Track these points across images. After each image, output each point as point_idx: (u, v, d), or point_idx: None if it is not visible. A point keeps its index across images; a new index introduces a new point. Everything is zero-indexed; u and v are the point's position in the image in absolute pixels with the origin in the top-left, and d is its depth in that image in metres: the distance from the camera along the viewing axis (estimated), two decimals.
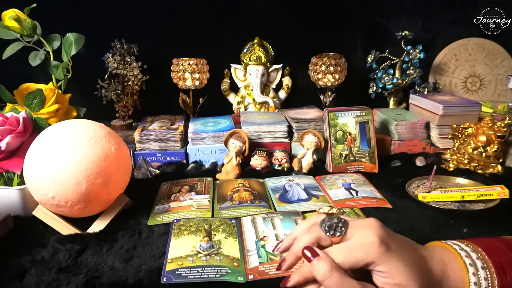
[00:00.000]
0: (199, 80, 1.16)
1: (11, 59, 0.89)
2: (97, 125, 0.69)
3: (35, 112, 0.82)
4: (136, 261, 0.58)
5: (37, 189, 0.64)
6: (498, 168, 0.92)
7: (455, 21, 1.31)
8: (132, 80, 1.13)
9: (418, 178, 0.87)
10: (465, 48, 1.33)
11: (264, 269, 0.56)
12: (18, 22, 0.86)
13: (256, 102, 1.22)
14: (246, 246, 0.62)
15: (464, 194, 0.76)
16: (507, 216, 0.71)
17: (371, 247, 0.37)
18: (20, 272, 0.55)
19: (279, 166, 0.96)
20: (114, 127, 1.15)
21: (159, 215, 0.72)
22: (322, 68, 1.18)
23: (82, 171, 0.62)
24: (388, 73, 1.21)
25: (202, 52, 1.18)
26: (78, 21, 1.01)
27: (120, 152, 0.69)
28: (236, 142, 0.90)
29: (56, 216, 0.66)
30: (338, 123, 0.95)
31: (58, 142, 0.63)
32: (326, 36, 1.29)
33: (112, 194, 0.69)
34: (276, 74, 1.27)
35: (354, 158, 0.95)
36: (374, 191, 0.82)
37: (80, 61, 0.96)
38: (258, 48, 1.23)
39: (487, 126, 0.92)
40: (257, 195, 0.80)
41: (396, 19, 1.29)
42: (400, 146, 1.04)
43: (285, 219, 0.69)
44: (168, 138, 0.98)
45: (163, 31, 1.22)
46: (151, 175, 0.91)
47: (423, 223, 0.69)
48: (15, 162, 0.71)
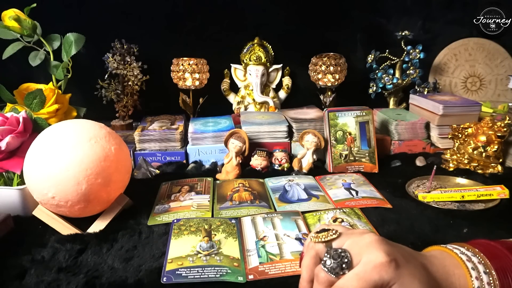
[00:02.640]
0: (199, 80, 1.16)
1: (11, 59, 0.89)
2: (97, 125, 0.69)
3: (35, 112, 0.82)
4: (136, 261, 0.58)
5: (37, 189, 0.64)
6: (498, 168, 0.92)
7: (455, 21, 1.31)
8: (132, 80, 1.13)
9: (418, 178, 0.87)
10: (465, 48, 1.33)
11: (264, 269, 0.56)
12: (18, 22, 0.86)
13: (256, 102, 1.22)
14: (246, 246, 0.62)
15: (464, 194, 0.76)
16: (507, 216, 0.71)
17: (383, 267, 0.36)
18: (20, 272, 0.55)
19: (279, 166, 0.96)
20: (114, 127, 1.15)
21: (159, 215, 0.72)
22: (322, 68, 1.18)
23: (82, 171, 0.62)
24: (388, 73, 1.21)
25: (202, 52, 1.18)
26: (78, 21, 1.02)
27: (120, 152, 0.69)
28: (236, 142, 0.90)
29: (56, 216, 0.66)
30: (338, 123, 0.95)
31: (58, 142, 0.63)
32: (326, 36, 1.29)
33: (112, 194, 0.69)
34: (276, 74, 1.27)
35: (354, 158, 0.95)
36: (374, 191, 0.82)
37: (80, 61, 0.96)
38: (258, 48, 1.23)
39: (487, 126, 0.92)
40: (257, 195, 0.80)
41: (396, 19, 1.29)
42: (400, 146, 1.04)
43: (285, 219, 0.69)
44: (168, 138, 0.98)
45: (163, 31, 1.22)
46: (151, 175, 0.91)
47: (423, 223, 0.69)
48: (15, 162, 0.71)
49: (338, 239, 0.40)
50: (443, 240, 0.62)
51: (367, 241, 0.38)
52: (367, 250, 0.37)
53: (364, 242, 0.38)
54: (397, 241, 0.41)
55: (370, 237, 0.38)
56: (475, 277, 0.39)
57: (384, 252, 0.36)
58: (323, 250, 0.40)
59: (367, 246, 0.38)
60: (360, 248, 0.38)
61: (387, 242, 0.38)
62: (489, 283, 0.39)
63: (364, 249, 0.38)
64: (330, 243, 0.40)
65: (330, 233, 0.40)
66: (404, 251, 0.40)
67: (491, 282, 0.39)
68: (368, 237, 0.39)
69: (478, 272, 0.39)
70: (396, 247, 0.39)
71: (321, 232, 0.41)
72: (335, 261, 0.38)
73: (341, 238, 0.40)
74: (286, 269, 0.56)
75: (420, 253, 0.42)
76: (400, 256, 0.37)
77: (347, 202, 0.77)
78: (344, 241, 0.40)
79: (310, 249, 0.41)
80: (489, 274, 0.39)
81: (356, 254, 0.38)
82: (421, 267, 0.39)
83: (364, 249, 0.38)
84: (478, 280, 0.39)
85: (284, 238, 0.63)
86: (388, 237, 0.42)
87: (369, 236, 0.39)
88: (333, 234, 0.40)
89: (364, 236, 0.39)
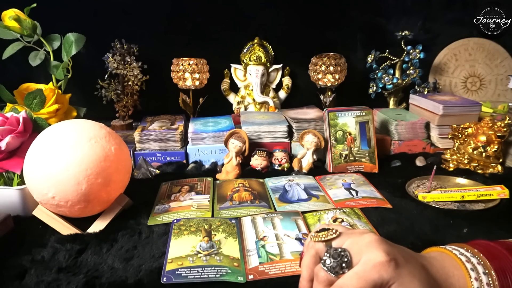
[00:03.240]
0: (199, 80, 1.16)
1: (11, 59, 0.89)
2: (97, 125, 0.69)
3: (35, 112, 0.82)
4: (136, 261, 0.58)
5: (37, 189, 0.64)
6: (498, 168, 0.92)
7: (455, 21, 1.31)
8: (132, 80, 1.13)
9: (418, 178, 0.87)
10: (465, 48, 1.33)
11: (264, 269, 0.56)
12: (18, 22, 0.86)
13: (256, 102, 1.22)
14: (246, 246, 0.62)
15: (464, 194, 0.76)
16: (507, 216, 0.71)
17: (383, 266, 0.36)
18: (20, 272, 0.55)
19: (279, 166, 0.96)
20: (114, 127, 1.15)
21: (159, 215, 0.72)
22: (322, 68, 1.18)
23: (82, 171, 0.62)
24: (388, 73, 1.21)
25: (202, 52, 1.18)
26: (78, 21, 1.01)
27: (120, 152, 0.69)
28: (236, 142, 0.90)
29: (56, 216, 0.66)
30: (338, 123, 0.95)
31: (58, 142, 0.63)
32: (326, 36, 1.29)
33: (112, 194, 0.69)
34: (276, 74, 1.27)
35: (354, 158, 0.95)
36: (374, 191, 0.82)
37: (80, 61, 0.96)
38: (258, 48, 1.23)
39: (487, 126, 0.92)
40: (257, 195, 0.80)
41: (396, 19, 1.29)
42: (400, 146, 1.04)
43: (285, 219, 0.69)
44: (168, 138, 0.98)
45: (163, 31, 1.22)
46: (151, 175, 0.91)
47: (423, 223, 0.69)
48: (15, 162, 0.71)
49: (338, 239, 0.40)
50: (443, 240, 0.62)
51: (366, 241, 0.38)
52: (366, 250, 0.37)
53: (364, 241, 0.38)
54: (397, 241, 0.41)
55: (370, 237, 0.38)
56: (474, 278, 0.39)
57: (384, 252, 0.36)
58: (323, 249, 0.40)
59: (366, 245, 0.38)
60: (360, 248, 0.38)
61: (386, 242, 0.38)
62: (489, 283, 0.38)
63: (364, 248, 0.38)
64: (330, 243, 0.40)
65: (330, 233, 0.40)
66: (403, 251, 0.40)
67: (491, 283, 0.38)
68: (368, 236, 0.39)
69: (477, 273, 0.39)
70: (395, 247, 0.39)
71: (321, 231, 0.41)
72: (335, 260, 0.38)
73: (341, 237, 0.40)
74: (286, 269, 0.56)
75: (420, 254, 0.42)
76: (399, 256, 0.37)
77: (347, 202, 0.77)
78: (344, 241, 0.40)
79: (310, 249, 0.41)
80: (488, 275, 0.39)
81: (356, 254, 0.38)
82: (420, 267, 0.39)
83: (363, 248, 0.38)
84: (478, 281, 0.39)
85: (284, 238, 0.63)
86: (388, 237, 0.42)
87: (369, 236, 0.39)
88: (333, 233, 0.40)
89: (364, 236, 0.39)
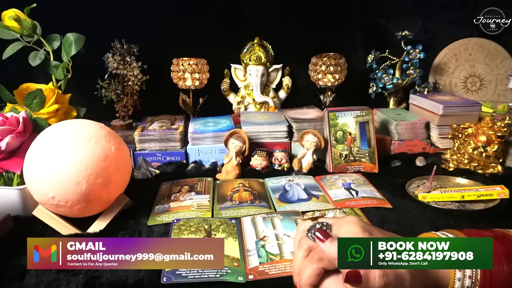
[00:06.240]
0: (199, 80, 1.16)
1: (11, 59, 0.89)
2: (97, 125, 0.69)
3: (35, 112, 0.82)
4: None
5: (37, 189, 0.64)
6: (498, 168, 0.92)
7: (455, 21, 1.31)
8: (132, 80, 1.13)
9: (418, 178, 0.87)
10: (465, 48, 1.33)
11: (264, 269, 0.56)
12: (18, 22, 0.86)
13: (256, 102, 1.22)
14: (246, 246, 0.62)
15: (464, 194, 0.76)
16: (507, 216, 0.71)
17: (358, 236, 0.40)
18: (20, 272, 0.55)
19: (279, 166, 0.96)
20: (114, 127, 1.15)
21: (159, 215, 0.72)
22: (322, 68, 1.18)
23: (82, 171, 0.62)
24: (388, 73, 1.21)
25: (202, 52, 1.18)
26: (78, 21, 1.01)
27: (120, 152, 0.69)
28: (236, 142, 0.90)
29: (56, 216, 0.66)
30: (338, 123, 0.95)
31: (58, 142, 0.63)
32: (326, 36, 1.29)
33: (112, 194, 0.69)
34: (276, 74, 1.27)
35: (354, 158, 0.95)
36: (374, 191, 0.82)
37: (80, 61, 0.96)
38: (258, 48, 1.23)
39: (487, 126, 0.92)
40: (257, 195, 0.80)
41: (396, 19, 1.29)
42: (400, 146, 1.04)
43: (285, 219, 0.69)
44: (168, 138, 0.98)
45: (163, 31, 1.22)
46: (151, 175, 0.91)
47: (423, 223, 0.69)
48: (15, 162, 0.71)
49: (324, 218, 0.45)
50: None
51: (347, 219, 0.43)
52: (346, 225, 0.42)
53: (345, 220, 0.43)
54: None
55: (351, 217, 0.44)
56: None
57: (360, 226, 0.41)
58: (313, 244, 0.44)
59: (346, 222, 0.43)
60: (340, 223, 0.43)
61: (365, 222, 0.43)
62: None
63: (344, 224, 0.43)
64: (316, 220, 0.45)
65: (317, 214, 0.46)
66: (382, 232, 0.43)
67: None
68: (349, 217, 0.44)
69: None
70: (374, 227, 0.43)
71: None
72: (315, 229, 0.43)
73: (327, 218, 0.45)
74: (286, 269, 0.56)
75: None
76: (376, 231, 0.42)
77: (347, 202, 0.77)
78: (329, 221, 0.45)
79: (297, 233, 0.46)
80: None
81: (336, 228, 0.43)
82: None
83: (343, 224, 0.43)
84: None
85: (284, 238, 0.63)
86: None
87: (350, 217, 0.44)
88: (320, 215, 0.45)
89: (346, 218, 0.44)
